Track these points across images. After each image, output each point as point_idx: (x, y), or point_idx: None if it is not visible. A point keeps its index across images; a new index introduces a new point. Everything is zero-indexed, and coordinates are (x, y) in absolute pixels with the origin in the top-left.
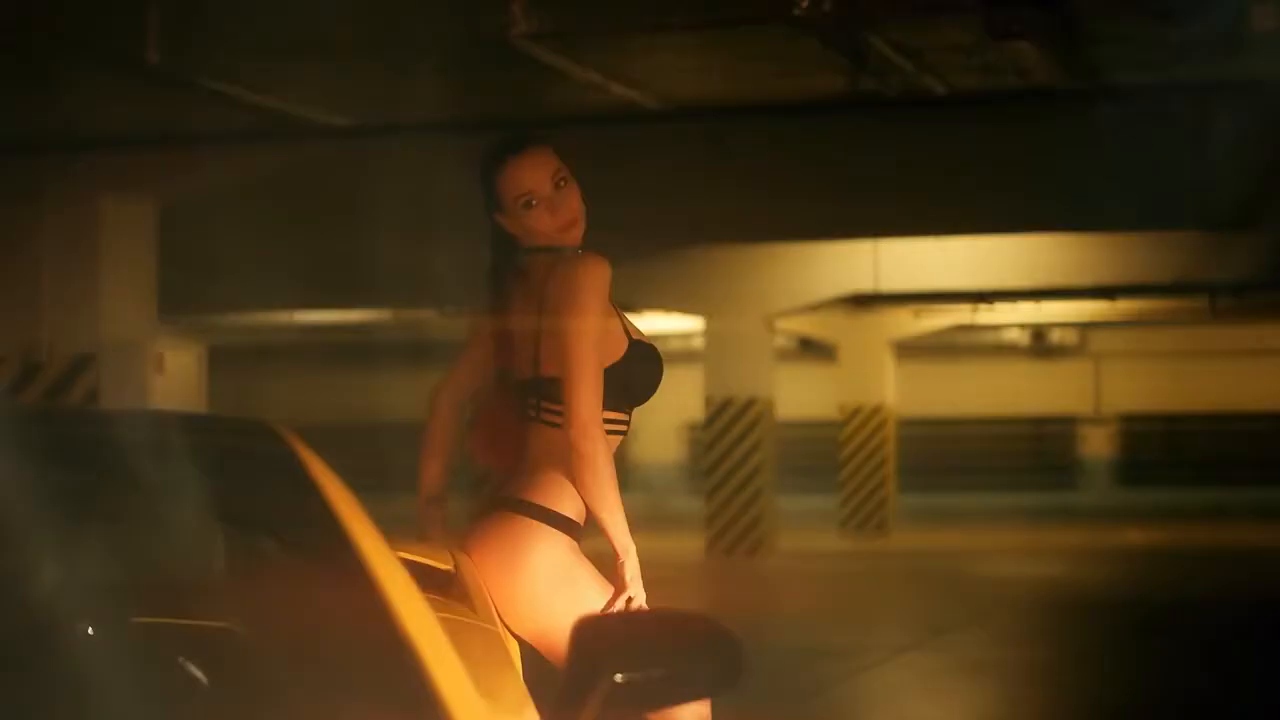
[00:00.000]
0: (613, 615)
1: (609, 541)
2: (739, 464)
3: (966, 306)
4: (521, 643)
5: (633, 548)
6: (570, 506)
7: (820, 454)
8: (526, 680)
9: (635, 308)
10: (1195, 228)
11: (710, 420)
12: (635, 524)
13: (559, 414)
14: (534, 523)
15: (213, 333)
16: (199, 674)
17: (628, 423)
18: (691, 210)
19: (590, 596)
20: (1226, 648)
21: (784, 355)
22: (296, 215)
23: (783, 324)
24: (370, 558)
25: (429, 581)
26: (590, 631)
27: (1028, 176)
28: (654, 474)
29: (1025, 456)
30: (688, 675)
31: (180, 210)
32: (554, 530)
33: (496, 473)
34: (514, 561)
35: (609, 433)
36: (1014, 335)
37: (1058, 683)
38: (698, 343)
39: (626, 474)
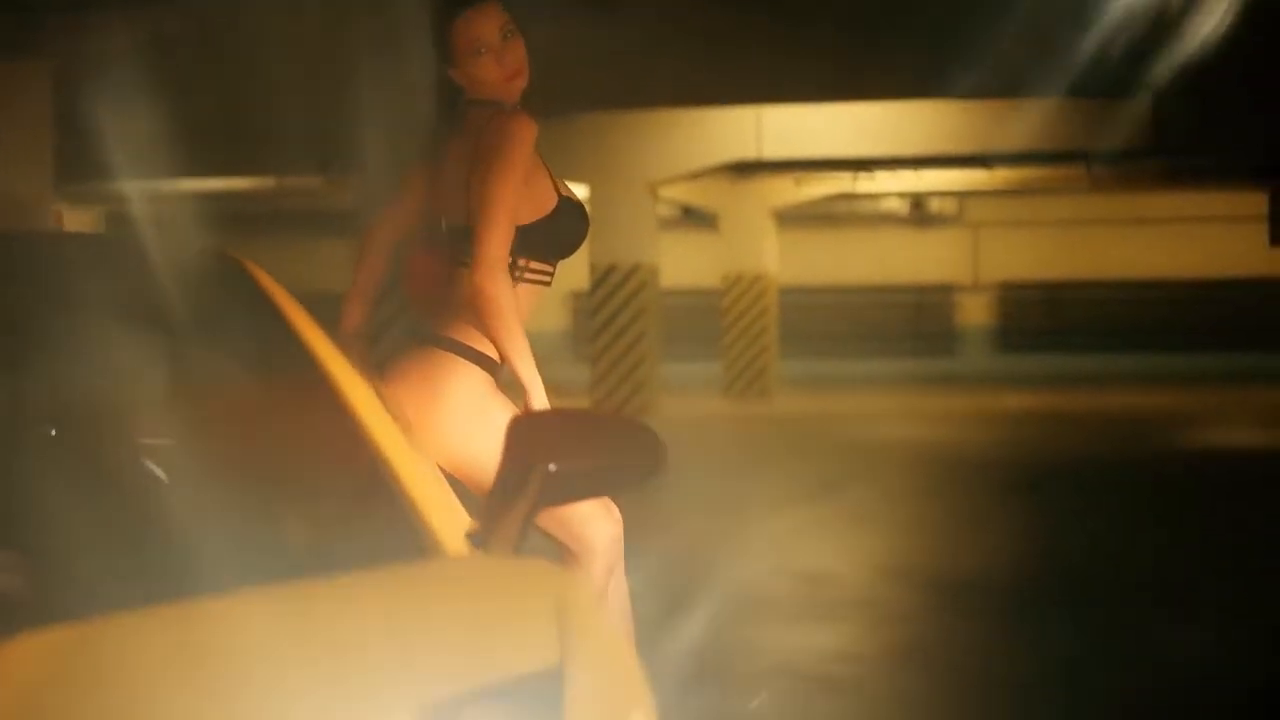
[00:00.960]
0: (547, 413)
1: (516, 377)
2: (623, 330)
3: (847, 175)
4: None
5: (539, 382)
6: (489, 344)
7: (703, 322)
8: None
9: None
10: (1074, 96)
11: (595, 287)
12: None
13: None
14: (452, 356)
15: (111, 201)
16: (160, 473)
17: (552, 273)
18: (574, 77)
19: (499, 428)
20: (1099, 504)
21: (667, 224)
22: (190, 79)
23: (665, 192)
24: (332, 372)
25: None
26: (526, 427)
27: (911, 43)
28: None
29: (905, 324)
30: (616, 467)
31: (75, 73)
32: (471, 364)
33: (419, 311)
34: (431, 393)
35: (534, 281)
36: (893, 204)
37: (938, 534)
38: None
39: None
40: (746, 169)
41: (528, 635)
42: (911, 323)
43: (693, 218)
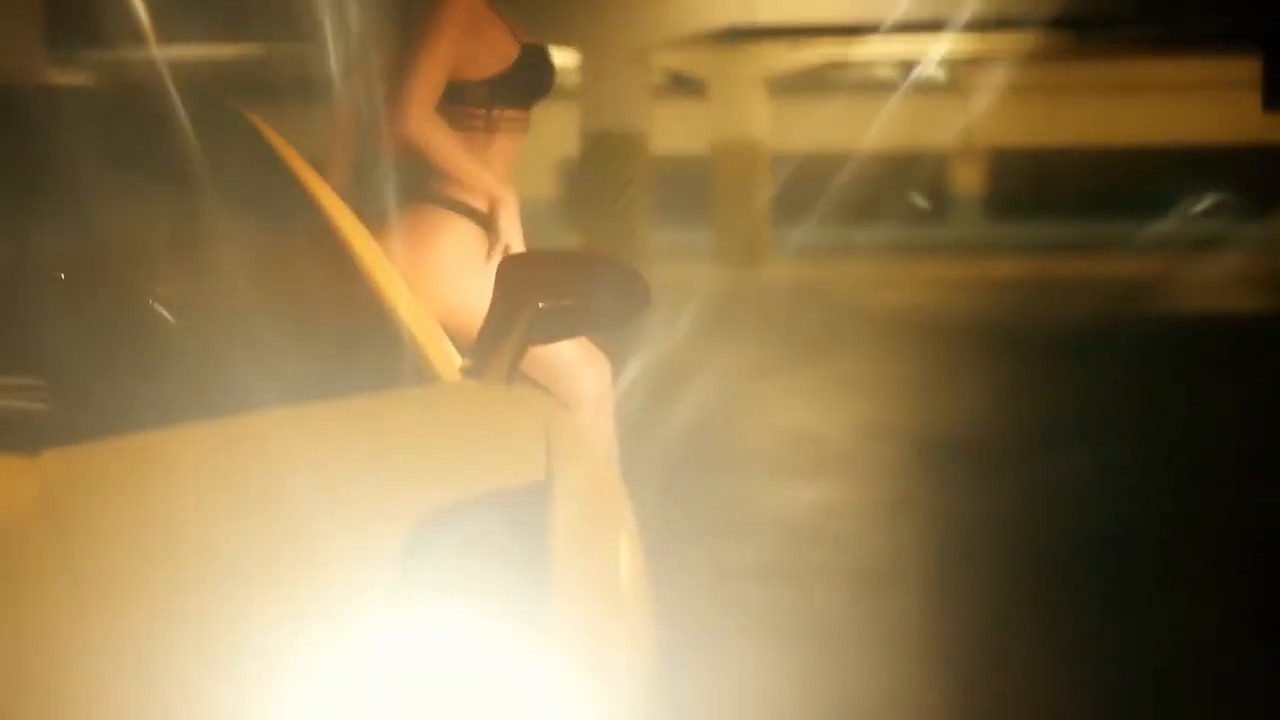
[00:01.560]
0: (535, 252)
1: (487, 195)
2: (612, 198)
3: (840, 41)
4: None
5: (511, 200)
6: (471, 193)
7: (694, 190)
8: None
9: None
10: None
11: (584, 154)
12: None
13: (469, 113)
14: (442, 209)
15: (101, 69)
16: (166, 314)
17: (527, 120)
18: None
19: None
20: (1080, 365)
21: (657, 91)
22: None
23: (656, 59)
24: (335, 220)
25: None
26: (514, 267)
27: None
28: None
29: (897, 191)
30: (602, 305)
31: None
32: (457, 215)
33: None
34: (422, 248)
35: (510, 130)
36: (886, 72)
37: (920, 395)
38: (574, 79)
39: None
40: (739, 36)
41: (518, 451)
42: (903, 189)
43: (682, 85)
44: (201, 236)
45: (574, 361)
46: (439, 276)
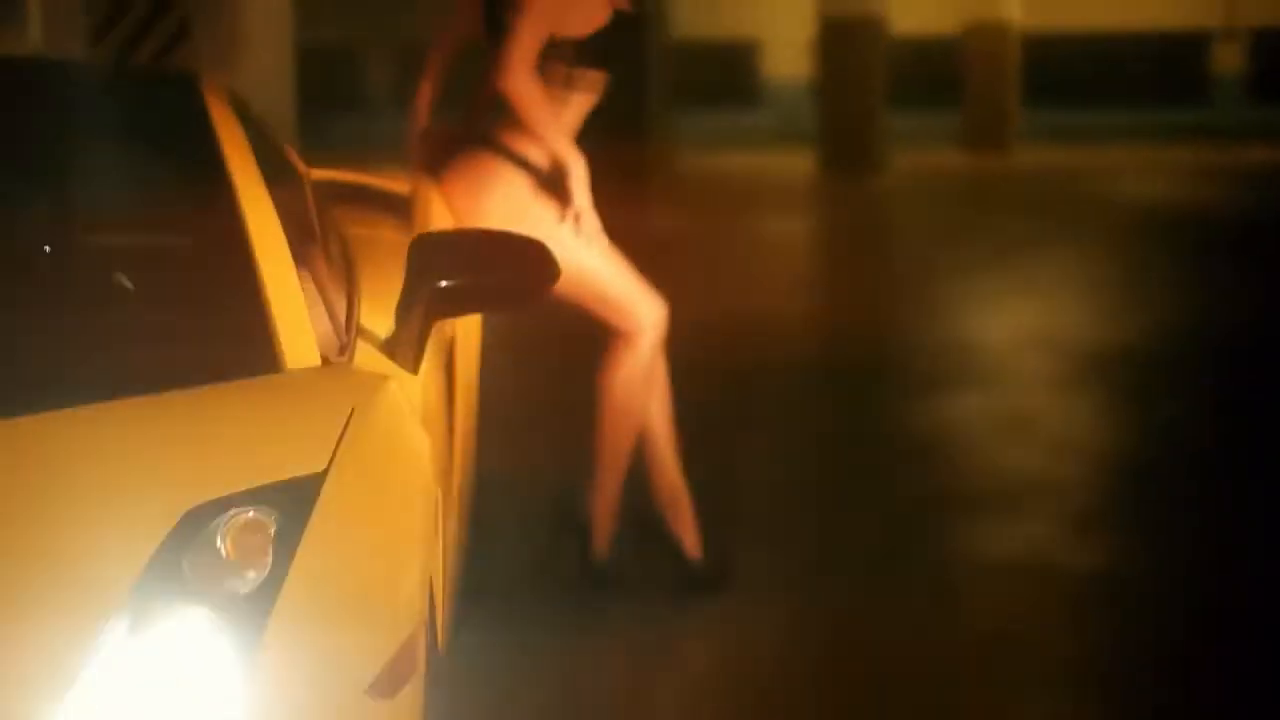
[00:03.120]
0: (446, 232)
1: (560, 164)
2: (850, 85)
3: None
4: None
5: (582, 167)
6: (532, 149)
7: (946, 70)
8: None
9: None
10: None
11: (820, 40)
12: (759, 142)
13: (550, 68)
14: (498, 158)
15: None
16: (128, 283)
17: (603, 83)
18: None
19: (543, 228)
20: None
21: None
22: None
23: None
24: (242, 203)
25: (380, 203)
26: (423, 246)
27: None
28: (784, 91)
29: (1155, 72)
30: (506, 282)
31: None
32: (516, 168)
33: (477, 112)
34: (478, 190)
35: (587, 89)
36: None
37: (1124, 302)
38: None
39: (757, 91)
40: None
41: (301, 445)
42: (1162, 70)
43: None
44: (77, 219)
45: (632, 299)
46: (492, 221)
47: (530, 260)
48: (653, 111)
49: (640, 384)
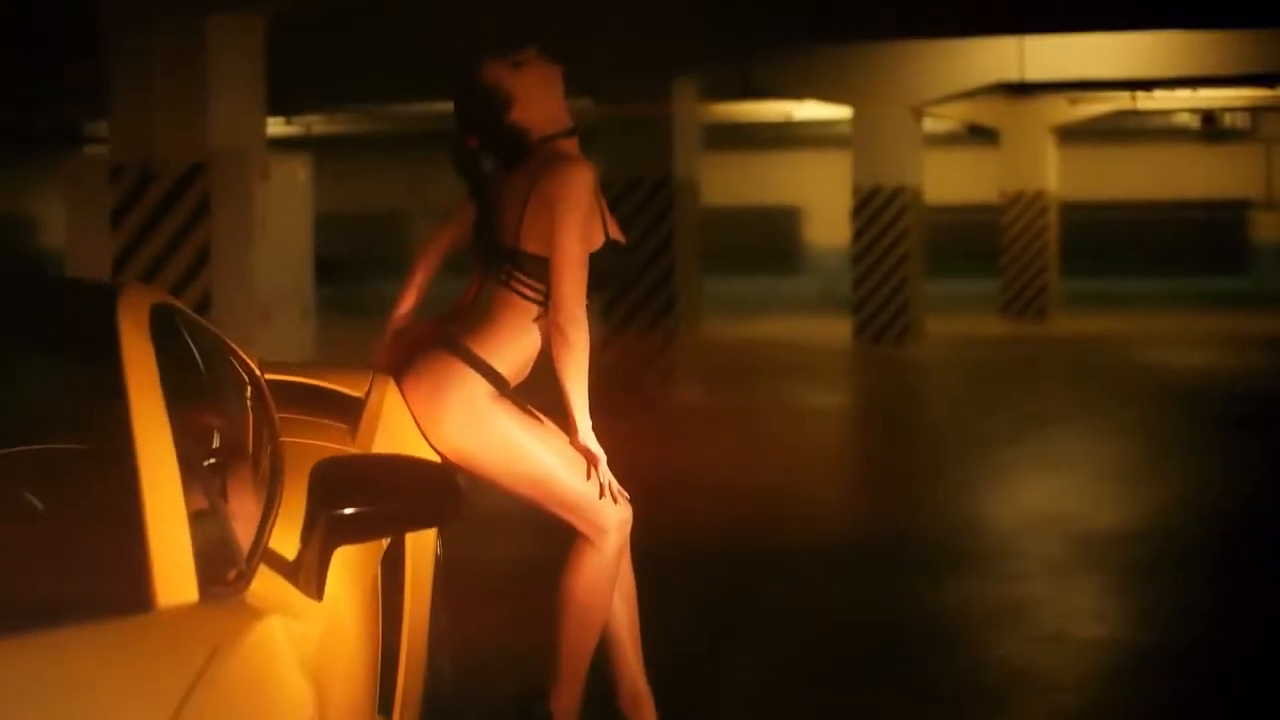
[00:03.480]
0: (347, 458)
1: (568, 412)
2: (886, 252)
3: (1123, 94)
4: (444, 457)
5: (588, 422)
6: (503, 364)
7: (988, 239)
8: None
9: (791, 95)
10: None
11: (858, 209)
12: (801, 309)
13: (527, 285)
14: (463, 365)
15: (318, 125)
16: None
17: (590, 300)
18: (843, 8)
19: (511, 433)
20: None
21: (952, 139)
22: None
23: (947, 109)
24: (134, 429)
25: (333, 406)
26: (324, 472)
27: None
28: (826, 258)
29: (1193, 242)
30: (408, 509)
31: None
32: (478, 375)
33: (450, 314)
34: (437, 394)
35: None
36: (1184, 119)
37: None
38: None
39: (799, 259)
40: (1023, 88)
41: (143, 699)
42: (1200, 240)
43: (977, 134)
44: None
45: (595, 502)
46: (450, 424)
47: (434, 486)
48: (683, 280)
49: (604, 586)
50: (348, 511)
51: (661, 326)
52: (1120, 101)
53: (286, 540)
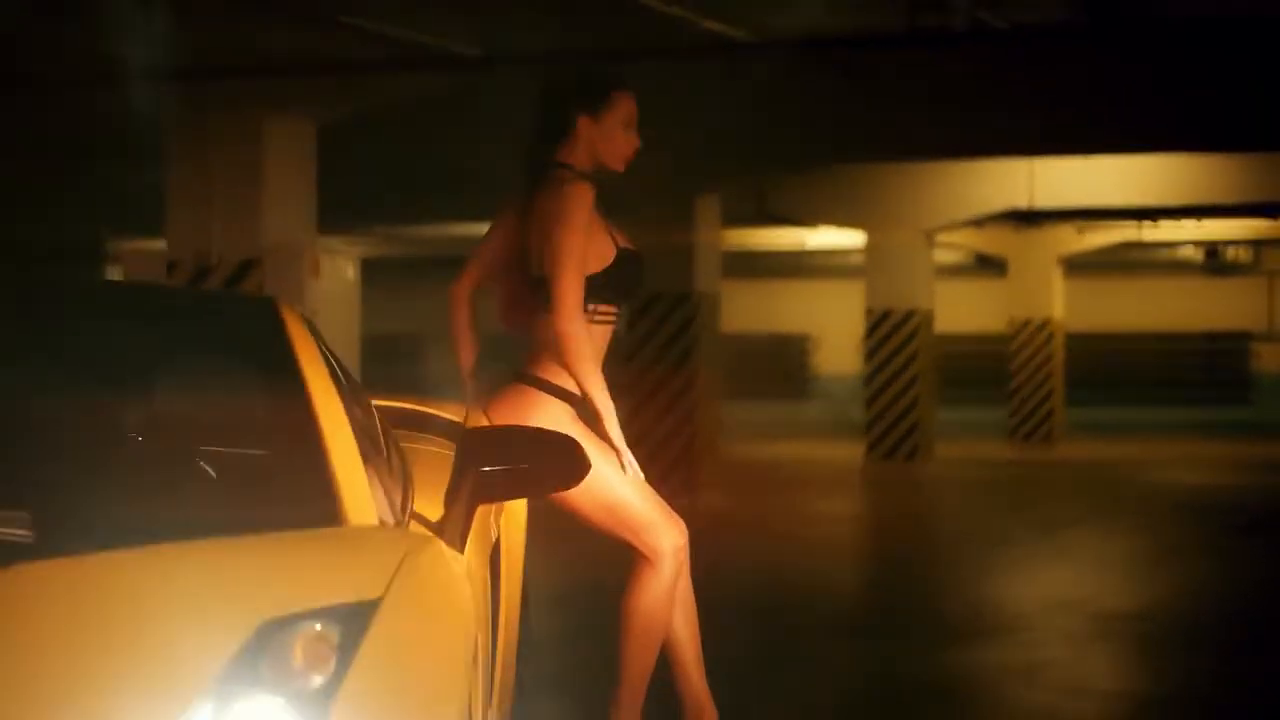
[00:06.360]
0: (494, 427)
1: (591, 406)
2: (897, 373)
3: (1130, 224)
4: None
5: (611, 408)
6: (569, 380)
7: (997, 367)
8: None
9: (804, 221)
10: None
11: (870, 330)
12: (812, 432)
13: None
14: (538, 392)
15: (368, 243)
16: (211, 471)
17: (618, 314)
18: (852, 130)
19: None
20: None
21: (961, 270)
22: (433, 137)
23: (956, 239)
24: (314, 398)
25: (437, 427)
26: (470, 438)
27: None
28: (835, 384)
29: (1197, 372)
30: (542, 470)
31: (338, 129)
32: (553, 398)
33: (512, 336)
34: (523, 417)
35: (602, 322)
36: (1188, 252)
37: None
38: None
39: (809, 384)
40: (1031, 217)
41: (361, 575)
42: (1204, 370)
43: (986, 265)
44: (206, 401)
45: (653, 524)
46: None
47: (563, 454)
48: (704, 402)
49: (663, 605)
50: (493, 469)
51: (682, 436)
52: (1126, 232)
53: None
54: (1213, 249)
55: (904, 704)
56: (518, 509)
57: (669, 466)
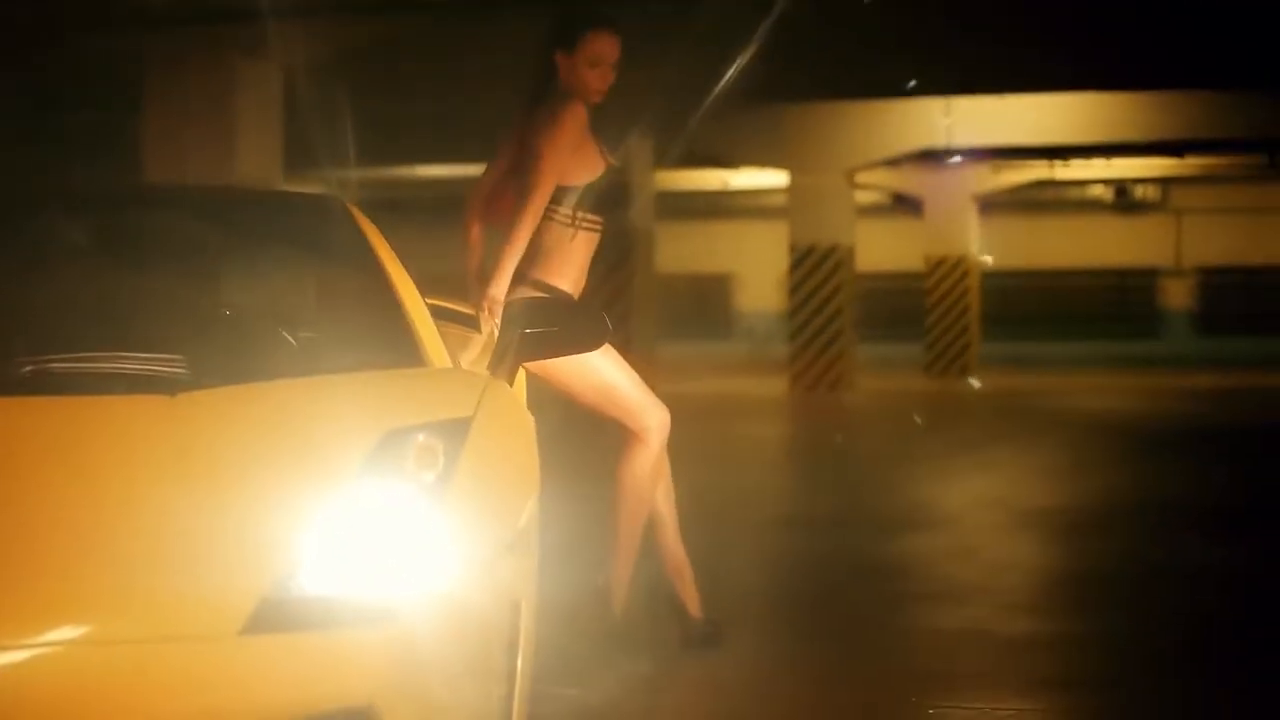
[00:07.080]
0: (534, 298)
1: (497, 255)
2: (820, 307)
3: (1043, 163)
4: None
5: (509, 272)
6: (565, 282)
7: (915, 304)
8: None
9: (729, 162)
10: (1259, 89)
11: (794, 266)
12: (737, 369)
13: (559, 213)
14: (537, 289)
15: (330, 186)
16: (291, 339)
17: (602, 224)
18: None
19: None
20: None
21: (879, 210)
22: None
23: (874, 179)
24: (390, 276)
25: (457, 318)
26: (514, 308)
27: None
28: (756, 323)
29: (1107, 308)
30: (572, 333)
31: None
32: (551, 296)
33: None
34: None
35: (588, 229)
36: (1098, 191)
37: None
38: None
39: (732, 323)
40: (938, 155)
41: (457, 398)
42: (1114, 306)
43: (904, 205)
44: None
45: (642, 404)
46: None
47: (591, 321)
48: (643, 339)
49: (650, 476)
50: (533, 331)
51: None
52: (1039, 170)
53: None
54: (1122, 187)
55: (851, 581)
56: (519, 391)
57: None
